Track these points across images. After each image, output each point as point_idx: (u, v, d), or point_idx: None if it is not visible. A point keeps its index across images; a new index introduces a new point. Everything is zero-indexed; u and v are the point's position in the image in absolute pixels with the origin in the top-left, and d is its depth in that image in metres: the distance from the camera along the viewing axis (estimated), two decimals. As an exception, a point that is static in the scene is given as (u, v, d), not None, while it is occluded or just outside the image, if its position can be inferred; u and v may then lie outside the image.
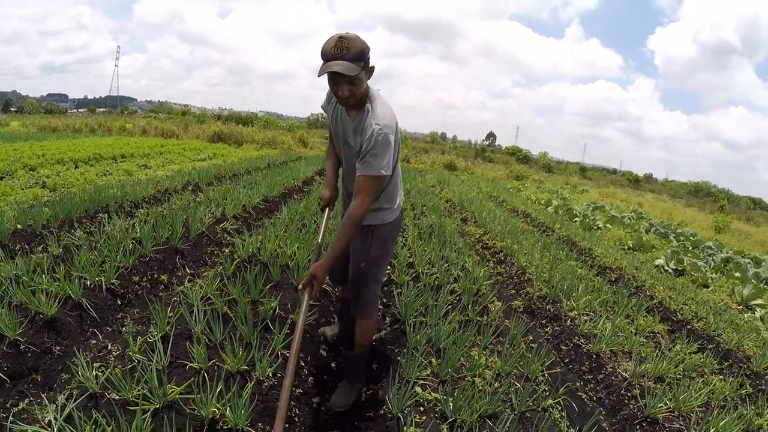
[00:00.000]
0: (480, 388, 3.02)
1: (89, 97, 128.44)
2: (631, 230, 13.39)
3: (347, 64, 2.42)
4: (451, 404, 2.77)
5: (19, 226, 4.87)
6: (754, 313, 7.40)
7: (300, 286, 2.64)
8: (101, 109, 61.37)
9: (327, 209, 3.24)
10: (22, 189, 8.46)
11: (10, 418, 2.26)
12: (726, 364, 4.46)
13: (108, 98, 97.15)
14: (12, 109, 56.49)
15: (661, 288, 6.55)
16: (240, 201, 7.20)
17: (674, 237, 13.61)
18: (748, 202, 46.56)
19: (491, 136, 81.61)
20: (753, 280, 9.04)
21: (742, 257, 11.89)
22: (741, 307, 7.83)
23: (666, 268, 9.53)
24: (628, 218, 16.36)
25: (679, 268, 9.50)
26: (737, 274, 9.43)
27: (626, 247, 11.12)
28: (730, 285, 8.72)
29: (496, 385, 3.12)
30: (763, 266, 11.04)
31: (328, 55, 2.44)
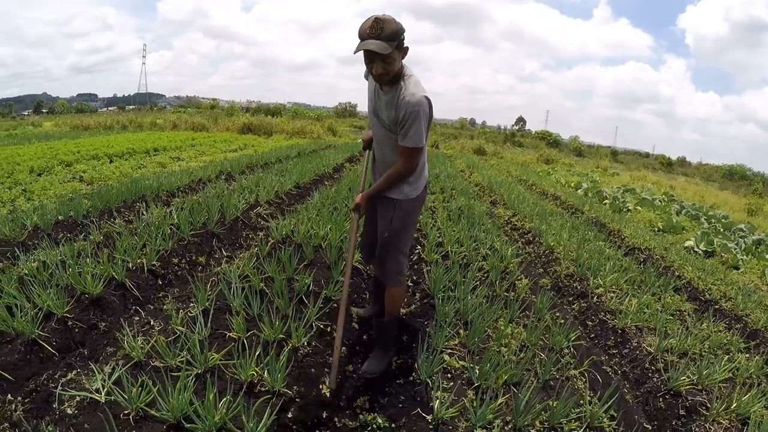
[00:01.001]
0: (505, 357, 3.14)
1: (118, 96, 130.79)
2: (662, 212, 13.24)
3: (381, 43, 2.59)
4: (477, 371, 2.91)
5: (60, 217, 5.12)
6: (785, 295, 7.29)
7: (351, 210, 3.20)
8: (131, 107, 62.47)
9: (368, 150, 3.46)
10: (61, 183, 8.77)
11: (59, 387, 2.44)
12: (753, 343, 4.44)
13: (137, 95, 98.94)
14: (43, 111, 57.95)
15: (690, 268, 6.51)
16: (272, 187, 7.39)
17: (705, 219, 13.40)
18: (785, 186, 45.27)
19: (521, 120, 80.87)
20: (785, 263, 8.89)
21: (775, 240, 11.68)
22: (772, 289, 7.70)
23: (696, 249, 9.44)
24: (659, 200, 16.15)
25: (709, 250, 9.40)
26: (768, 257, 9.29)
27: (656, 229, 11.00)
28: (761, 267, 8.58)
29: (521, 355, 3.23)
30: (797, 249, 10.84)
31: (364, 35, 2.62)
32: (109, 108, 71.67)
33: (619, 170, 31.52)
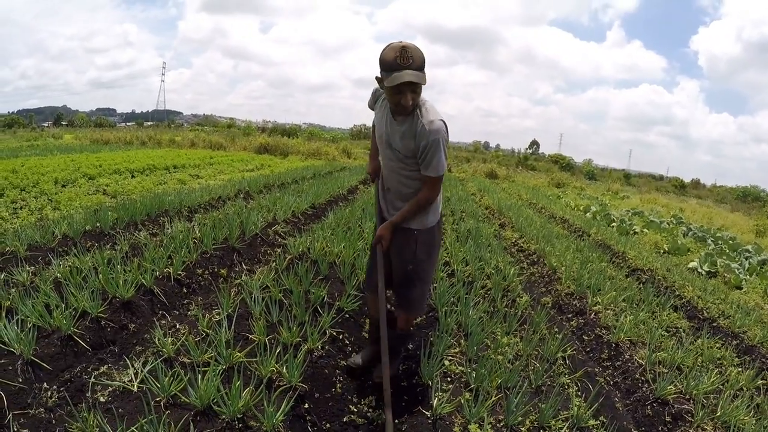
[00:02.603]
0: (500, 364, 3.42)
1: (137, 111, 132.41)
2: (668, 234, 13.40)
3: (416, 73, 2.53)
4: (473, 375, 3.20)
5: (88, 227, 5.44)
6: (786, 313, 7.43)
7: (374, 244, 3.13)
8: (149, 123, 63.47)
9: (377, 180, 3.29)
10: (86, 195, 9.20)
11: (92, 379, 2.75)
12: (747, 358, 4.63)
13: (155, 112, 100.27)
14: (63, 123, 59.04)
15: (691, 288, 6.70)
16: (289, 207, 7.73)
17: (712, 240, 13.52)
18: (798, 206, 44.88)
19: (534, 144, 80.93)
20: (788, 282, 9.00)
21: (782, 260, 11.78)
22: (775, 307, 7.83)
23: (699, 270, 9.61)
24: (667, 223, 16.29)
25: (712, 270, 9.55)
26: (772, 276, 9.41)
27: (661, 251, 11.16)
28: (764, 286, 8.72)
29: (516, 363, 3.52)
30: (803, 269, 10.94)
31: (394, 65, 2.51)
32: (128, 123, 72.77)
33: (631, 193, 31.58)
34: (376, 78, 2.71)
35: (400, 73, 2.50)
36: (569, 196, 22.73)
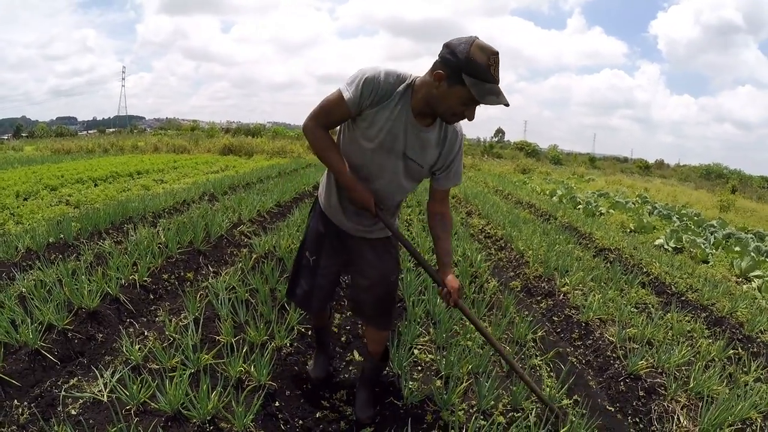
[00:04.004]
0: (470, 349, 3.44)
1: (98, 118, 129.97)
2: (634, 214, 13.65)
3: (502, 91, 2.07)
4: (443, 362, 3.20)
5: (51, 239, 5.30)
6: (751, 284, 7.61)
7: (452, 305, 2.48)
8: (111, 130, 62.25)
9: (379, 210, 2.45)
10: (48, 207, 8.97)
11: (62, 392, 2.69)
12: (717, 329, 4.75)
13: (117, 118, 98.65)
14: (23, 135, 57.60)
15: (658, 264, 6.85)
16: (254, 207, 7.65)
17: (677, 218, 13.82)
18: (760, 181, 46.24)
19: (500, 132, 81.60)
20: (753, 253, 9.20)
21: (745, 233, 12.07)
22: (740, 279, 8.02)
23: (666, 246, 9.82)
24: (633, 203, 16.62)
25: (678, 246, 9.77)
26: (737, 249, 9.61)
27: (628, 230, 11.37)
28: (730, 259, 8.93)
29: (486, 348, 3.52)
30: (766, 240, 11.27)
31: (489, 75, 2.01)
32: (89, 131, 71.35)
33: (596, 176, 32.13)
34: (444, 73, 2.06)
35: (498, 93, 2.05)
36: (535, 181, 23.02)
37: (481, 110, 2.44)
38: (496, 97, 2.02)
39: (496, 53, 2.00)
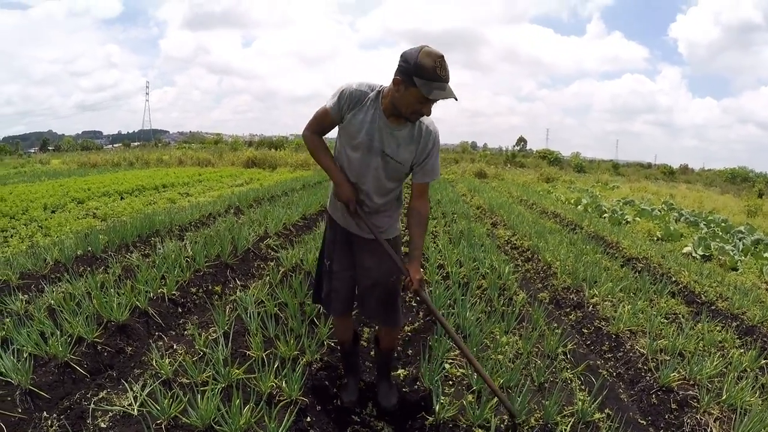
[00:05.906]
0: (501, 363, 3.40)
1: (123, 132, 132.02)
2: (661, 221, 13.45)
3: (452, 90, 2.40)
4: (475, 376, 3.17)
5: (79, 252, 5.38)
6: (784, 290, 7.44)
7: (414, 294, 3.00)
8: (135, 143, 63.16)
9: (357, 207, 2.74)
10: (76, 219, 9.14)
11: (92, 405, 2.72)
12: (749, 339, 4.63)
13: (141, 132, 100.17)
14: (50, 148, 58.72)
15: (687, 273, 6.71)
16: (280, 220, 7.70)
17: (704, 224, 13.58)
18: (788, 184, 45.16)
19: (522, 141, 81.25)
20: (784, 258, 9.04)
21: (774, 238, 11.84)
22: (771, 286, 7.84)
23: (694, 254, 9.65)
24: (659, 210, 16.38)
25: (707, 254, 9.59)
26: (766, 255, 9.43)
27: (655, 238, 11.21)
28: (759, 266, 8.74)
29: (517, 361, 3.49)
30: (797, 243, 11.00)
31: (435, 75, 2.30)
32: (114, 145, 72.52)
33: (620, 183, 31.76)
34: (400, 78, 2.38)
35: (444, 89, 2.35)
36: (559, 190, 22.82)
37: (502, 119, 2.57)
38: (443, 92, 2.36)
39: (441, 56, 2.32)
